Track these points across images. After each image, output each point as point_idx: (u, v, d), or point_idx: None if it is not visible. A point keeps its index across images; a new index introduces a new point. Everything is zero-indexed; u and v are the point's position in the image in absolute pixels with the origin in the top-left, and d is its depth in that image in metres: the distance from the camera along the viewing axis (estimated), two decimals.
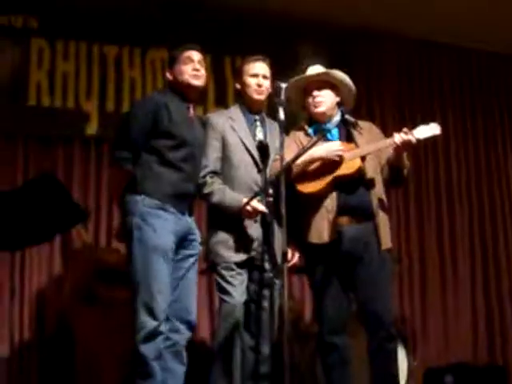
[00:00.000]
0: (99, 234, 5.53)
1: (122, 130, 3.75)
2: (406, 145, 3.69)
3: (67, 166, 5.54)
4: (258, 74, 4.01)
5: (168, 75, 3.87)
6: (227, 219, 3.83)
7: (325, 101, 3.90)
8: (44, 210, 4.41)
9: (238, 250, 3.84)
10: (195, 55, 3.84)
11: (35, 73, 5.52)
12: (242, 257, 3.84)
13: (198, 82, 3.83)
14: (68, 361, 4.74)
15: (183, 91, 3.82)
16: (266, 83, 4.03)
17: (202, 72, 3.85)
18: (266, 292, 3.87)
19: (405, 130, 3.70)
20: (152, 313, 3.47)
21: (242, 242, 3.85)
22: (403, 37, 6.77)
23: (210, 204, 3.93)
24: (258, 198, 3.72)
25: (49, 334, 5.14)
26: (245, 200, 3.70)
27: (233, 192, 3.85)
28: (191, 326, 3.70)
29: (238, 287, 3.81)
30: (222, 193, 3.84)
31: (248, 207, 3.70)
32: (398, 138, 3.68)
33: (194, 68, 3.80)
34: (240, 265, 3.84)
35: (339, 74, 3.96)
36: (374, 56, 6.76)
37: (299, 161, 3.66)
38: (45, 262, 5.35)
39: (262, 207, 3.71)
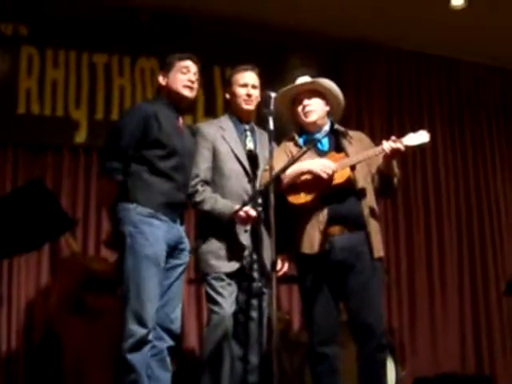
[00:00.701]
0: (87, 242, 5.50)
1: (111, 141, 3.71)
2: (395, 152, 3.70)
3: (56, 173, 5.52)
4: (247, 84, 4.00)
5: (161, 80, 3.81)
6: (217, 229, 3.81)
7: (315, 109, 3.90)
8: (32, 217, 4.37)
9: (228, 260, 3.83)
10: (192, 67, 3.79)
11: (25, 80, 5.50)
12: (232, 267, 3.82)
13: (190, 94, 3.79)
14: (56, 369, 4.70)
15: (173, 100, 3.78)
16: (256, 93, 4.02)
17: (196, 85, 3.81)
18: (255, 302, 3.86)
19: (393, 138, 3.71)
20: (141, 321, 3.45)
21: (232, 252, 3.84)
22: (393, 48, 6.81)
23: (201, 212, 3.92)
24: (249, 206, 3.71)
25: (36, 342, 5.09)
26: (236, 207, 3.70)
27: (224, 200, 3.84)
28: (173, 335, 3.67)
29: (227, 298, 3.80)
30: (213, 200, 3.84)
31: (241, 212, 3.69)
32: (387, 145, 3.68)
33: (189, 79, 3.76)
34: (230, 275, 3.83)
35: (328, 83, 3.96)
36: (364, 66, 6.77)
37: (290, 172, 3.68)
38: (32, 270, 5.32)
39: (254, 212, 3.70)
